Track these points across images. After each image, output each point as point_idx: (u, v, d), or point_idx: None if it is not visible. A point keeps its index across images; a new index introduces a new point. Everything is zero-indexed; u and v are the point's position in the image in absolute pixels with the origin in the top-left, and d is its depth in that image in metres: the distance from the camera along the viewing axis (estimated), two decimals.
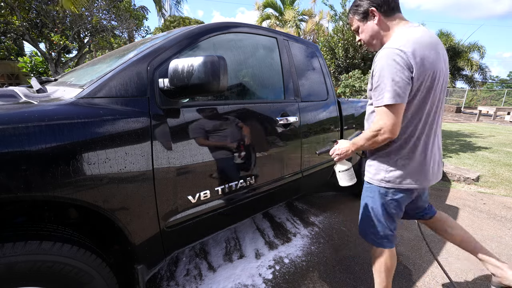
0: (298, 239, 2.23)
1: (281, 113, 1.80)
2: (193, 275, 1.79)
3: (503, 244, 2.17)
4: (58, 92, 1.16)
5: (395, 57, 1.03)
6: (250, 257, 1.99)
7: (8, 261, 0.80)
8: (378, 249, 1.32)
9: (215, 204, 1.43)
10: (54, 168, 0.86)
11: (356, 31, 1.27)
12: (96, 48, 9.86)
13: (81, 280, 0.94)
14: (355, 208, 2.84)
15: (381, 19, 1.16)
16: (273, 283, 1.72)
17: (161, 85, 1.18)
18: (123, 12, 8.49)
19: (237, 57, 1.72)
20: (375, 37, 1.20)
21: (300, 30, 12.50)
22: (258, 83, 1.88)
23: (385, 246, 1.30)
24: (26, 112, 0.86)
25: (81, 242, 0.99)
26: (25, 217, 1.04)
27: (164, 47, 1.29)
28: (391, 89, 1.03)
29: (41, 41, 8.52)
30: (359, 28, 1.24)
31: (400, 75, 1.02)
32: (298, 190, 2.16)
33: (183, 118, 1.26)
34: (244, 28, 1.76)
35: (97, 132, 0.96)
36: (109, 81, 1.10)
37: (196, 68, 1.08)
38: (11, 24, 7.29)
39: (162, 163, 1.16)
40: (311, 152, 2.13)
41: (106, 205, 0.99)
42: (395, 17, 1.16)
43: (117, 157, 1.01)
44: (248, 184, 1.60)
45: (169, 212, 1.23)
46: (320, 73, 2.40)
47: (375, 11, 1.15)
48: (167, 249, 1.28)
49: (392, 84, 1.03)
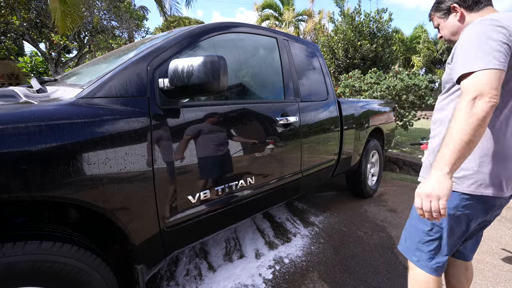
0: (298, 239, 2.23)
1: (281, 113, 1.80)
2: (193, 275, 1.79)
3: (503, 244, 2.17)
4: (58, 92, 1.15)
5: (492, 29, 0.85)
6: (250, 257, 1.99)
7: (8, 261, 0.80)
8: (423, 273, 1.07)
9: (215, 204, 1.43)
10: (54, 168, 0.86)
11: (437, 28, 1.19)
12: (96, 48, 9.86)
13: (81, 280, 0.94)
14: (355, 208, 2.85)
15: (463, 15, 1.06)
16: (273, 283, 1.72)
17: (161, 85, 1.18)
18: (123, 12, 8.49)
19: (237, 57, 1.72)
20: (456, 33, 1.10)
21: (299, 30, 12.51)
22: (258, 83, 1.88)
23: (437, 273, 1.06)
24: (26, 112, 0.86)
25: (81, 242, 0.99)
26: (25, 217, 1.04)
27: (164, 47, 1.29)
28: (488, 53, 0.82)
29: (41, 41, 8.52)
30: (439, 25, 1.16)
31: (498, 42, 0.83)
32: (298, 190, 2.16)
33: (183, 118, 1.26)
34: (244, 28, 1.76)
35: (97, 132, 0.96)
36: (109, 81, 1.10)
37: (196, 68, 1.08)
38: (11, 24, 7.29)
39: (162, 163, 1.16)
40: (311, 152, 2.13)
41: (106, 205, 0.99)
42: (482, 11, 1.03)
43: (117, 157, 1.01)
44: (248, 184, 1.60)
45: (169, 212, 1.23)
46: (320, 73, 2.41)
47: (457, 7, 1.06)
48: (167, 249, 1.28)
49: (489, 48, 0.83)
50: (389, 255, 2.02)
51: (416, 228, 1.10)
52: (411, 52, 16.98)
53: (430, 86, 5.30)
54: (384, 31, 7.79)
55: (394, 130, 3.92)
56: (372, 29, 7.65)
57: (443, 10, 1.11)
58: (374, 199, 3.12)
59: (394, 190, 3.43)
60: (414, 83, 5.19)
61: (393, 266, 1.89)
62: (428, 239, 1.06)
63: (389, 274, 1.80)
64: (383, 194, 3.29)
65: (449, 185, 0.82)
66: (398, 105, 5.30)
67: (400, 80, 5.26)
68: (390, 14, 7.67)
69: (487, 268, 1.86)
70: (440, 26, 1.15)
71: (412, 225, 1.13)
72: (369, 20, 7.61)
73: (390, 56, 8.01)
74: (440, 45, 17.22)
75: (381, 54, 7.70)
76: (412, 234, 1.12)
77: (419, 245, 1.08)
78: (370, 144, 3.01)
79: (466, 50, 0.87)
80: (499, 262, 1.94)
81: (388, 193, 3.34)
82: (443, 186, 0.82)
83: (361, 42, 7.44)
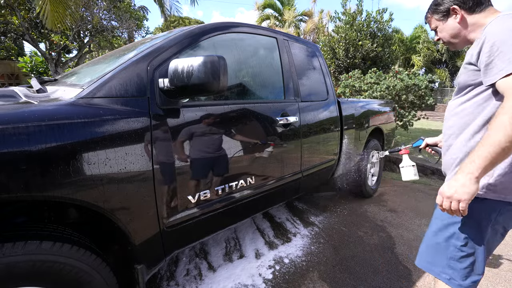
0: (298, 239, 2.23)
1: (281, 113, 1.80)
2: (193, 275, 1.79)
3: (503, 243, 2.17)
4: (58, 92, 1.15)
5: None
6: (250, 257, 1.99)
7: (8, 261, 0.80)
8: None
9: (215, 204, 1.43)
10: (54, 168, 0.86)
11: (434, 30, 1.14)
12: (96, 48, 9.86)
13: (81, 280, 0.94)
14: (355, 208, 2.85)
15: (463, 17, 1.01)
16: (273, 283, 1.72)
17: (161, 85, 1.18)
18: (123, 12, 8.49)
19: (237, 57, 1.72)
20: (456, 36, 1.05)
21: (299, 30, 12.51)
22: (258, 83, 1.88)
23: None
24: (26, 112, 0.86)
25: (81, 242, 0.99)
26: (25, 217, 1.04)
27: (164, 47, 1.29)
28: None
29: (41, 41, 8.52)
30: (437, 28, 1.11)
31: None
32: (298, 190, 2.16)
33: (183, 118, 1.26)
34: (244, 28, 1.76)
35: (97, 132, 0.96)
36: (109, 81, 1.10)
37: (196, 68, 1.08)
38: (11, 24, 7.29)
39: (162, 163, 1.16)
40: (311, 152, 2.13)
41: (106, 205, 0.99)
42: (485, 12, 0.99)
43: (117, 157, 1.01)
44: (248, 184, 1.60)
45: (169, 212, 1.23)
46: (320, 73, 2.41)
47: (457, 9, 1.01)
48: (167, 249, 1.28)
49: None
50: (389, 255, 2.02)
51: (446, 242, 1.00)
52: (411, 52, 16.99)
53: (430, 86, 5.30)
54: (385, 31, 7.80)
55: (394, 130, 3.92)
56: (373, 29, 7.66)
57: (442, 12, 1.06)
58: (374, 199, 3.11)
59: (394, 190, 3.43)
60: (414, 83, 5.19)
61: (393, 266, 1.89)
62: (461, 255, 0.96)
63: (389, 274, 1.80)
64: (383, 194, 3.29)
65: (475, 189, 0.79)
66: (398, 105, 5.30)
67: (400, 80, 5.26)
68: (391, 14, 7.68)
69: (487, 268, 1.86)
70: (439, 29, 1.11)
71: (439, 237, 1.03)
72: (370, 20, 7.62)
73: (390, 56, 8.01)
74: (441, 45, 17.23)
75: (381, 54, 7.70)
76: (441, 248, 1.02)
77: (451, 262, 0.98)
78: (370, 144, 3.01)
79: (507, 48, 0.80)
80: (499, 262, 1.95)
81: (388, 193, 3.34)
82: (468, 190, 0.80)
83: (362, 41, 7.45)
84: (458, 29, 1.03)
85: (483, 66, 0.85)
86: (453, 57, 12.68)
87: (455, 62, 12.83)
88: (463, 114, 0.97)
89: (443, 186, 0.88)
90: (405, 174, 1.75)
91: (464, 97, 0.98)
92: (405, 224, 2.48)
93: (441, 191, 0.88)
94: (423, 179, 3.88)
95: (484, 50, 0.85)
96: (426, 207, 2.86)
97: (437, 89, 18.53)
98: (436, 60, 18.64)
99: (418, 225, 2.45)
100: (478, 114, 0.92)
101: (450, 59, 12.38)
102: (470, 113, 0.95)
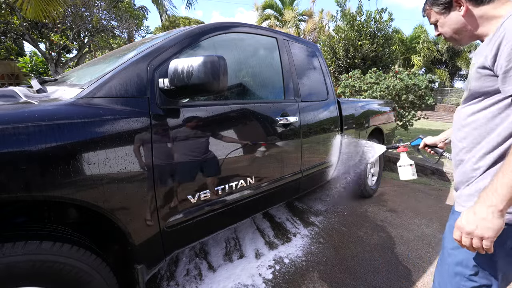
0: (298, 239, 2.23)
1: (281, 113, 1.80)
2: (193, 275, 1.79)
3: None
4: (58, 92, 1.15)
5: None
6: (250, 257, 1.99)
7: (8, 261, 0.80)
8: None
9: (215, 204, 1.43)
10: (54, 168, 0.86)
11: (433, 24, 1.01)
12: (96, 48, 9.85)
13: (81, 280, 0.94)
14: (355, 208, 2.85)
15: (469, 9, 0.87)
16: (273, 283, 1.72)
17: (161, 85, 1.18)
18: (123, 12, 8.49)
19: (237, 57, 1.72)
20: (461, 31, 0.92)
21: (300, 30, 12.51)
22: (258, 83, 1.88)
23: None
24: (26, 112, 0.86)
25: (81, 242, 0.99)
26: (25, 217, 1.04)
27: (164, 47, 1.29)
28: None
29: (41, 41, 8.52)
30: (437, 22, 0.98)
31: None
32: (298, 190, 2.16)
33: (183, 118, 1.26)
34: (244, 28, 1.76)
35: (97, 132, 0.96)
36: (109, 81, 1.10)
37: (196, 68, 1.08)
38: (11, 24, 7.29)
39: (162, 163, 1.16)
40: (311, 152, 2.13)
41: (106, 205, 0.99)
42: (494, 2, 0.84)
43: (117, 157, 1.01)
44: (248, 184, 1.60)
45: (169, 212, 1.23)
46: (320, 73, 2.41)
47: (461, 0, 0.88)
48: (167, 249, 1.28)
49: None
50: (389, 255, 2.02)
51: (453, 270, 0.86)
52: (411, 52, 16.98)
53: (430, 86, 5.30)
54: (384, 31, 7.80)
55: (394, 130, 3.92)
56: (373, 29, 7.66)
57: (443, 4, 0.92)
58: (374, 199, 3.11)
59: (394, 190, 3.43)
60: (414, 83, 5.19)
61: (393, 266, 1.89)
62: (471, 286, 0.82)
63: (389, 274, 1.80)
64: (383, 194, 3.29)
65: (500, 225, 0.67)
66: (398, 105, 5.30)
67: (400, 80, 5.26)
68: (390, 14, 7.67)
69: None
70: (439, 23, 0.97)
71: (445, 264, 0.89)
72: (370, 20, 7.62)
73: (390, 56, 8.01)
74: (442, 45, 17.22)
75: (381, 54, 7.70)
76: (445, 276, 0.88)
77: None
78: None
79: None
80: None
81: (388, 193, 3.34)
82: (491, 226, 0.68)
83: (361, 42, 7.45)
84: (463, 23, 0.89)
85: (502, 72, 0.72)
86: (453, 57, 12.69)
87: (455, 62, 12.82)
88: (476, 125, 0.84)
89: (461, 219, 0.75)
90: (403, 173, 1.73)
91: (477, 105, 0.85)
92: (405, 224, 2.48)
93: (458, 225, 0.74)
94: (423, 179, 3.88)
95: (503, 53, 0.72)
96: (426, 207, 2.86)
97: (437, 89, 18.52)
98: (436, 60, 18.64)
99: (418, 225, 2.45)
100: (492, 129, 0.80)
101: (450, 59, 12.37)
102: (483, 125, 0.82)
